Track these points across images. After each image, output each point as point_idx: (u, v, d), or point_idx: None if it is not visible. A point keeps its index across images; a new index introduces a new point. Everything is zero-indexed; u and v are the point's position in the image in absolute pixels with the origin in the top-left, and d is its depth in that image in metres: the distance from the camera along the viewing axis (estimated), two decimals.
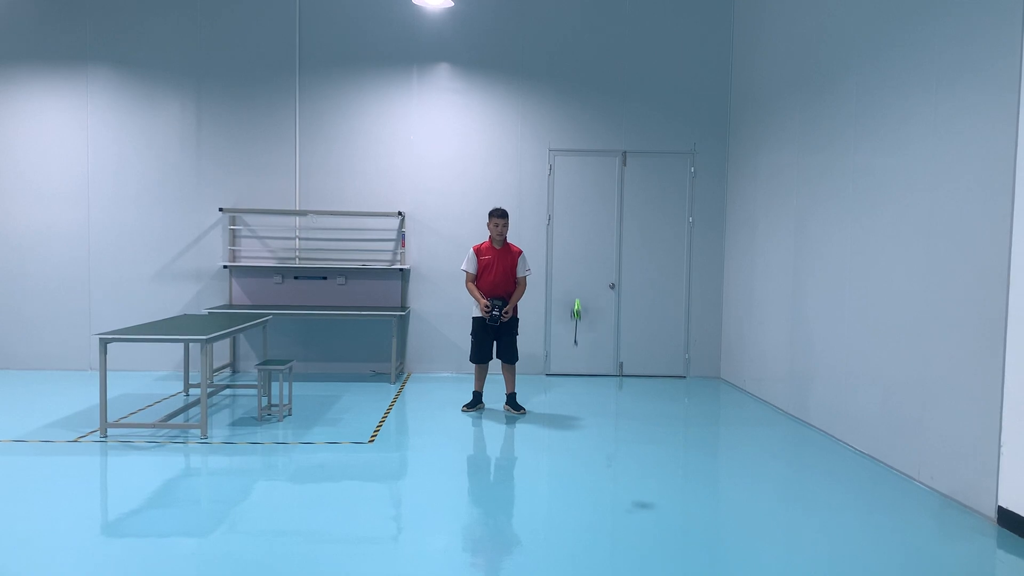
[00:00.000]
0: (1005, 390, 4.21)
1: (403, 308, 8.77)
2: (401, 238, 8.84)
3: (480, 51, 8.84)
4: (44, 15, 8.61)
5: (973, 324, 4.50)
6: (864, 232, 5.76)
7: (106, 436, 5.84)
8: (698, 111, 8.91)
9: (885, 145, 5.49)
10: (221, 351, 8.67)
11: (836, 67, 6.27)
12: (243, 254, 8.86)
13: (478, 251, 6.94)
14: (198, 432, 5.94)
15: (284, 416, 6.60)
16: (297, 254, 8.90)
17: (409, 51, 8.81)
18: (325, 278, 8.83)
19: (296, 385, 7.58)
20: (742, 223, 8.44)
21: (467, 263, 6.94)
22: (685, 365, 9.05)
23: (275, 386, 6.88)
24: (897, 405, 5.29)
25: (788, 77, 7.26)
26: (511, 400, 7.03)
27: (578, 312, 8.45)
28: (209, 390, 7.08)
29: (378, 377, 8.67)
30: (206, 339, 5.83)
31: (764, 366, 7.72)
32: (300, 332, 8.86)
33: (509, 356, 6.99)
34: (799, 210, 6.94)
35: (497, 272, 6.86)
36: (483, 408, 7.11)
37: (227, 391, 7.72)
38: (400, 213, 8.76)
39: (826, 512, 4.53)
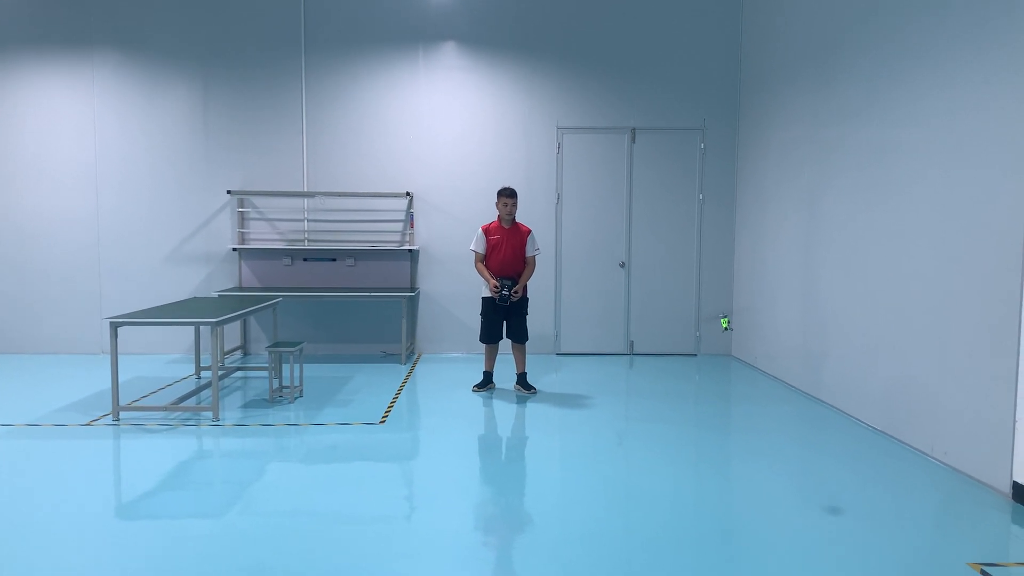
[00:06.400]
0: (1020, 365, 4.17)
1: (413, 289, 8.76)
2: (410, 219, 8.81)
3: (487, 28, 8.75)
4: None
5: (989, 300, 4.45)
6: (878, 207, 5.68)
7: (118, 419, 5.87)
8: (708, 86, 8.80)
9: (900, 119, 5.40)
10: (232, 334, 8.70)
11: (850, 39, 6.16)
12: (252, 236, 8.85)
13: (487, 231, 6.91)
14: (210, 414, 5.97)
15: (295, 398, 6.62)
16: (306, 236, 8.89)
17: (415, 29, 8.73)
18: (334, 260, 8.82)
19: (307, 367, 7.59)
20: (753, 199, 8.36)
21: (476, 243, 6.91)
22: (696, 343, 9.02)
23: (286, 368, 6.90)
24: (911, 381, 5.24)
25: (800, 50, 7.15)
26: (521, 380, 7.03)
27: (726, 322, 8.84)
28: (220, 372, 7.11)
29: (388, 358, 8.69)
30: (217, 322, 5.83)
31: (776, 343, 7.67)
32: (310, 314, 8.87)
33: (519, 336, 6.98)
34: (811, 185, 6.86)
35: (506, 252, 6.83)
36: (494, 388, 7.11)
37: (238, 373, 7.74)
38: (408, 194, 8.72)
39: (838, 489, 4.51)
